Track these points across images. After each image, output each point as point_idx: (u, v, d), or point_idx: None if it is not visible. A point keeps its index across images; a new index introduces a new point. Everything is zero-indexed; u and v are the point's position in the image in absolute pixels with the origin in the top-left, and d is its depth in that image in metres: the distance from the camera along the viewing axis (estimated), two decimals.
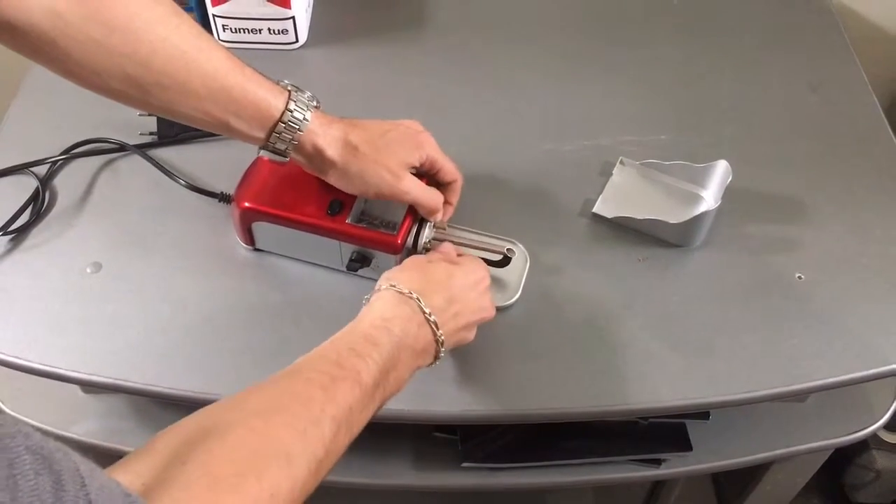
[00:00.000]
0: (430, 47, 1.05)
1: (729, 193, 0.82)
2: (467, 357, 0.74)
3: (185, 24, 0.62)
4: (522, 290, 0.78)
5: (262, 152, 0.69)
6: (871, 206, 0.86)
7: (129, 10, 0.59)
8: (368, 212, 0.75)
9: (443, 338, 0.64)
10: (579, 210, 0.86)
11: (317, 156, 0.69)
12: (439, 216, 0.76)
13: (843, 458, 1.37)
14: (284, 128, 0.67)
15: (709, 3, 1.11)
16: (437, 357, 0.65)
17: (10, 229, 0.82)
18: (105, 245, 0.82)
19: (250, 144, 0.70)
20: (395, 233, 0.73)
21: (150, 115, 0.88)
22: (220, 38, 1.02)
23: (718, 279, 0.80)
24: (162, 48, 0.60)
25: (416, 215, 0.75)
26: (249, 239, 0.81)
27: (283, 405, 0.52)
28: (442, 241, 0.77)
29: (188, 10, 1.00)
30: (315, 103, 0.69)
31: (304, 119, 0.67)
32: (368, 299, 0.65)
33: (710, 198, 0.85)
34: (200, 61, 0.62)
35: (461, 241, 0.78)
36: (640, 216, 0.82)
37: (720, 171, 0.83)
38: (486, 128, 0.94)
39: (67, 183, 0.87)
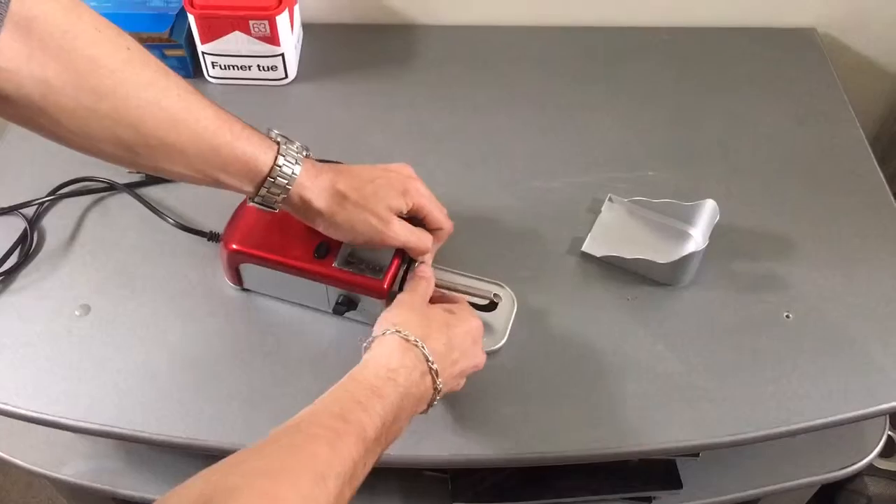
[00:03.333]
0: (418, 84, 1.05)
1: (716, 231, 0.82)
2: (456, 400, 0.74)
3: (174, 86, 0.62)
4: (510, 335, 0.78)
5: (252, 203, 0.69)
6: (857, 243, 0.87)
7: (118, 76, 0.58)
8: (356, 254, 0.75)
9: (441, 386, 0.64)
10: (567, 248, 0.86)
11: (304, 206, 0.69)
12: (429, 257, 0.76)
13: (835, 484, 1.37)
14: (273, 182, 0.66)
15: (696, 39, 1.11)
16: (430, 405, 0.65)
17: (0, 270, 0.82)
18: (94, 286, 0.82)
19: None
20: (381, 278, 0.73)
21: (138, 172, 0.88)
22: (210, 74, 1.02)
23: (707, 319, 0.80)
24: (150, 112, 0.60)
25: (404, 258, 0.75)
26: (237, 279, 0.81)
27: (289, 465, 0.51)
28: (440, 284, 0.77)
29: (177, 47, 1.00)
30: (304, 153, 0.69)
31: (293, 174, 0.67)
32: (369, 343, 0.65)
33: (698, 236, 0.85)
34: (189, 122, 0.62)
35: (448, 284, 0.78)
36: (629, 255, 0.82)
37: (708, 210, 0.83)
38: (473, 164, 0.95)
39: (56, 223, 0.88)
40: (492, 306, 0.79)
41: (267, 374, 0.76)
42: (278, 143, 0.67)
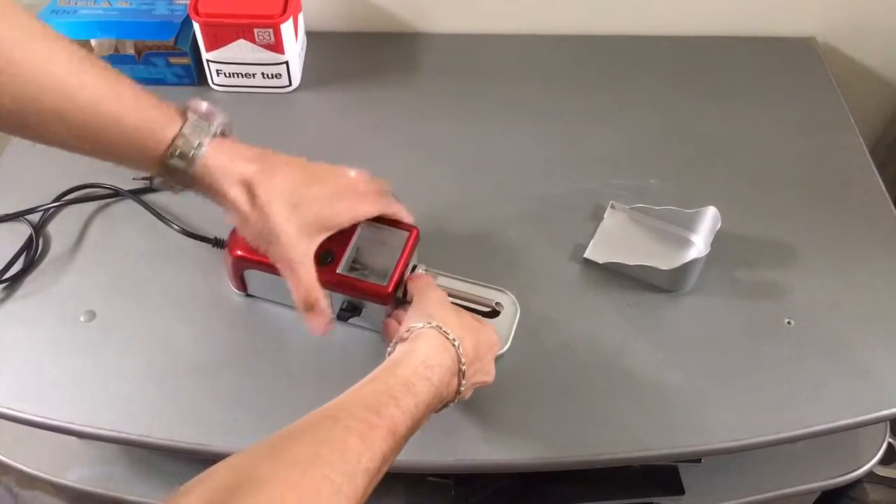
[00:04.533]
0: (421, 91, 1.06)
1: (717, 237, 0.83)
2: (460, 406, 0.74)
3: (62, 49, 0.58)
4: (513, 340, 0.78)
5: (156, 184, 0.64)
6: (857, 250, 0.87)
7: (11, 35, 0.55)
8: (361, 259, 0.75)
9: (463, 388, 0.64)
10: (570, 255, 0.87)
11: (217, 197, 0.64)
12: (319, 321, 0.69)
13: (835, 491, 1.37)
14: (168, 163, 0.61)
15: (696, 47, 1.12)
16: (446, 405, 0.64)
17: (3, 278, 0.82)
18: (99, 292, 0.83)
19: None
20: (385, 283, 0.73)
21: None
22: (214, 82, 1.03)
23: (708, 325, 0.81)
24: (35, 75, 0.56)
25: (408, 262, 0.75)
26: (242, 285, 0.81)
27: (321, 456, 0.50)
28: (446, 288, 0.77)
29: (182, 55, 1.01)
30: (218, 130, 0.63)
31: (196, 152, 0.61)
32: (406, 335, 0.64)
33: (699, 243, 0.86)
34: (74, 86, 0.58)
35: (451, 291, 0.79)
36: (631, 262, 0.82)
37: (709, 217, 0.84)
38: (475, 172, 0.95)
39: (61, 229, 0.88)
40: (494, 314, 0.79)
41: (271, 379, 0.76)
42: (186, 117, 0.62)
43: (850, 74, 1.16)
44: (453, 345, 0.63)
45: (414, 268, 0.77)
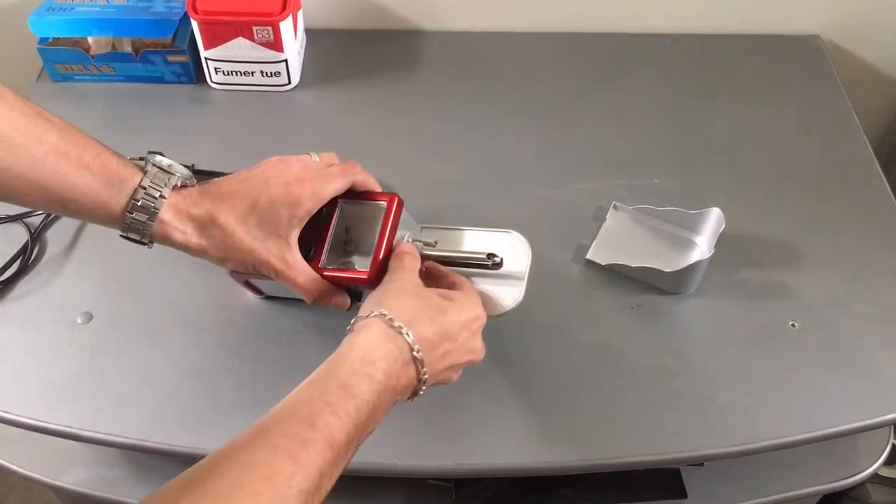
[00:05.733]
0: (422, 90, 1.05)
1: (721, 239, 0.82)
2: (460, 409, 0.74)
3: (8, 108, 0.58)
4: (527, 292, 0.71)
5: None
6: (862, 251, 0.87)
7: None
8: (354, 240, 0.71)
9: (426, 376, 0.60)
10: (572, 256, 0.86)
11: (184, 248, 0.65)
12: (338, 302, 0.70)
13: (837, 491, 1.37)
14: (130, 222, 0.62)
15: (700, 46, 1.11)
16: (415, 394, 0.61)
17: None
18: (96, 294, 0.82)
19: None
20: (365, 271, 0.68)
21: None
22: (213, 80, 1.02)
23: (712, 327, 0.80)
24: None
25: (393, 236, 0.69)
26: (257, 290, 0.80)
27: (245, 486, 0.47)
28: (427, 257, 0.72)
29: (180, 53, 1.00)
30: (175, 183, 0.63)
31: (151, 214, 0.62)
32: (353, 326, 0.61)
33: (703, 244, 0.85)
34: (27, 146, 0.58)
35: (442, 258, 0.72)
36: (634, 263, 0.81)
37: (713, 219, 0.83)
38: (477, 172, 0.94)
39: (58, 230, 0.87)
40: (497, 265, 0.71)
41: (270, 382, 0.75)
42: (145, 171, 0.63)
43: (855, 73, 1.16)
44: (400, 332, 0.59)
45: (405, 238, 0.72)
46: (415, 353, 0.59)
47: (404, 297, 0.63)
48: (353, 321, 0.62)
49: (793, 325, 0.80)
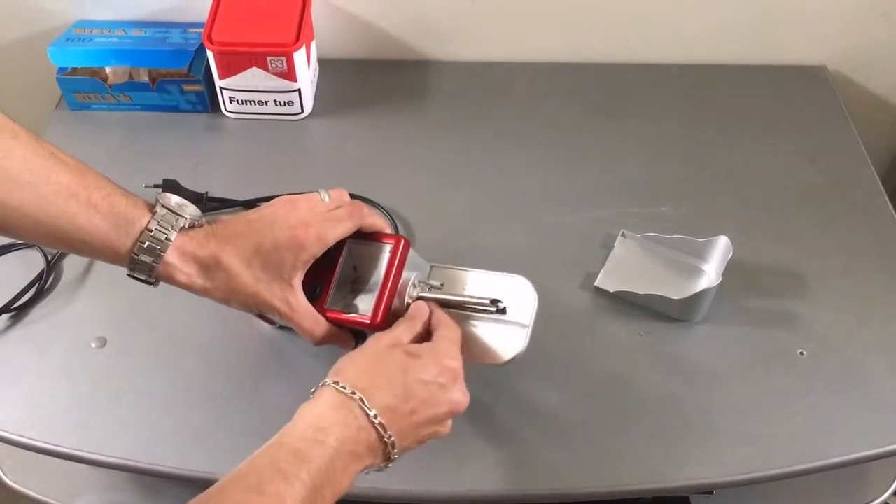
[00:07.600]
0: (433, 118, 1.06)
1: (729, 266, 0.82)
2: (470, 436, 0.74)
3: (21, 148, 0.59)
4: (531, 339, 0.71)
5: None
6: (870, 280, 0.87)
7: None
8: (362, 280, 0.70)
9: (392, 439, 0.58)
10: (580, 283, 0.86)
11: (188, 289, 0.65)
12: (342, 342, 0.70)
13: None
14: (136, 260, 0.63)
15: (707, 75, 1.13)
16: (389, 459, 0.59)
17: (15, 304, 0.83)
18: (110, 319, 0.83)
19: None
20: (368, 315, 0.68)
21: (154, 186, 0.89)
22: (227, 109, 1.04)
23: (720, 355, 0.80)
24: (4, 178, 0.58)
25: (398, 279, 0.69)
26: (271, 321, 0.80)
27: None
28: (428, 299, 0.71)
29: (195, 82, 1.01)
30: (183, 224, 0.64)
31: (157, 256, 0.62)
32: (314, 392, 0.60)
33: (711, 272, 0.85)
34: (37, 185, 0.59)
35: (445, 300, 0.72)
36: (642, 291, 0.82)
37: (721, 247, 0.83)
38: (486, 199, 0.95)
39: (73, 257, 0.88)
40: (501, 311, 0.71)
41: (283, 407, 0.75)
42: (153, 212, 0.63)
43: (861, 103, 1.17)
44: (352, 398, 0.58)
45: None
46: (371, 419, 0.58)
47: (362, 361, 0.62)
48: (313, 389, 0.61)
49: (801, 353, 0.80)
